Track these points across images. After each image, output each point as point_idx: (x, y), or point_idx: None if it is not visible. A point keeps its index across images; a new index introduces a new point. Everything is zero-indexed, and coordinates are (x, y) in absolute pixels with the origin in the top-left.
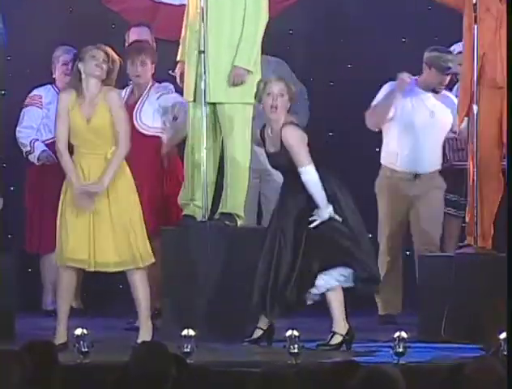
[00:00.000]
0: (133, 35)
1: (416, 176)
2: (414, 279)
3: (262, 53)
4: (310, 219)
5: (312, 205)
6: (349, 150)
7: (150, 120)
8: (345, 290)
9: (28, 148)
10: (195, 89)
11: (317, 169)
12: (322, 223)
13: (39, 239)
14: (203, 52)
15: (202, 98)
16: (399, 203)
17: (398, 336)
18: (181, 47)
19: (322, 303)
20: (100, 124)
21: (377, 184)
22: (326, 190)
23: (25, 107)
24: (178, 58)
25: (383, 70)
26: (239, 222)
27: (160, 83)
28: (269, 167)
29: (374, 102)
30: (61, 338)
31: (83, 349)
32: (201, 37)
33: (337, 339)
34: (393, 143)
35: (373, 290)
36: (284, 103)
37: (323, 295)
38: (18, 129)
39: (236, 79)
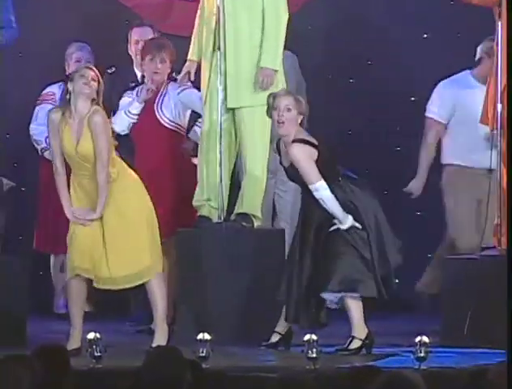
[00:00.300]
0: (135, 35)
1: (490, 170)
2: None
3: None
4: (330, 229)
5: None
6: (368, 148)
7: (170, 113)
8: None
9: (44, 145)
10: (212, 89)
11: (329, 180)
12: (340, 229)
13: (52, 239)
14: (219, 49)
15: (219, 99)
16: (474, 198)
17: (420, 341)
18: (192, 46)
19: (341, 307)
20: (87, 148)
21: (447, 183)
22: (341, 201)
23: (38, 104)
24: (189, 57)
25: (404, 66)
26: (256, 223)
27: (175, 80)
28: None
29: (430, 105)
30: (74, 343)
31: (95, 354)
32: (217, 37)
33: (356, 344)
34: (459, 139)
35: (380, 304)
36: (293, 117)
37: (342, 299)
38: (31, 126)
39: (265, 80)
